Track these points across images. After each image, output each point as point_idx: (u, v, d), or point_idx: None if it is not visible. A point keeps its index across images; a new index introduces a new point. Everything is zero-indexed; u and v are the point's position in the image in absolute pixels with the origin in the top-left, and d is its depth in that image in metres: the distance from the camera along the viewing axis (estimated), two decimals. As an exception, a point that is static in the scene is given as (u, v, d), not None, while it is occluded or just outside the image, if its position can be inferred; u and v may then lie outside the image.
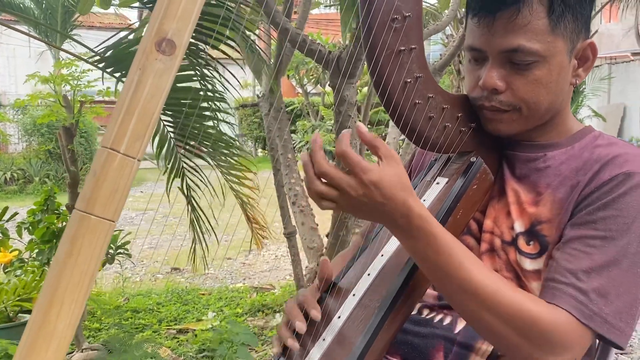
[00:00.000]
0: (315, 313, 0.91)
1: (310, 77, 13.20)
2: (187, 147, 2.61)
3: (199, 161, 2.68)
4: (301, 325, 0.90)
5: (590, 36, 0.96)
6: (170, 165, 2.55)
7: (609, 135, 0.98)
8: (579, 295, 0.82)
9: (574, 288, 0.83)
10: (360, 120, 2.66)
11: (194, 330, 3.15)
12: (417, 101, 0.90)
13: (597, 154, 0.92)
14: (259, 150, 14.53)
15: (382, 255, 0.94)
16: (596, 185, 0.88)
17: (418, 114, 0.91)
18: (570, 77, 0.93)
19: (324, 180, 0.78)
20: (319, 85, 13.71)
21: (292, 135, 12.87)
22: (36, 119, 10.10)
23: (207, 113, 2.47)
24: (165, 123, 2.52)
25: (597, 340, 0.97)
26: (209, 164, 2.65)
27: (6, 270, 3.10)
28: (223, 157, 2.61)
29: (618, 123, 12.56)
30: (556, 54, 0.89)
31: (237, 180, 2.75)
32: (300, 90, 13.92)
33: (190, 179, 2.64)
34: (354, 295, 0.91)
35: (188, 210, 2.77)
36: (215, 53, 2.42)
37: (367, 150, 0.84)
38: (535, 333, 0.80)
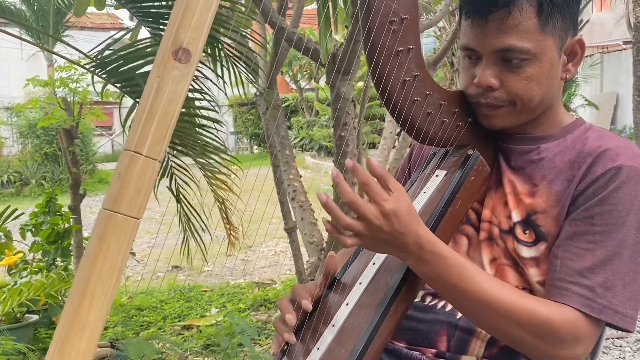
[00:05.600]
0: (306, 303, 0.93)
1: (304, 72, 13.24)
2: (176, 146, 2.59)
3: (189, 160, 2.67)
4: (291, 317, 0.93)
5: (582, 26, 1.01)
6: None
7: (598, 126, 1.03)
8: (586, 292, 0.88)
9: (581, 286, 0.89)
10: (356, 112, 2.71)
11: (199, 326, 3.20)
12: (415, 98, 0.95)
13: (589, 146, 0.97)
14: (255, 147, 14.56)
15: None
16: (591, 180, 0.93)
17: (417, 111, 0.95)
18: (561, 72, 0.98)
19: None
20: (312, 81, 13.74)
21: (288, 131, 12.87)
22: (32, 121, 10.10)
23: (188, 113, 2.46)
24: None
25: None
26: (196, 162, 2.65)
27: (11, 272, 3.14)
28: (204, 158, 2.60)
29: (611, 112, 12.64)
30: (546, 51, 0.94)
31: (218, 183, 2.74)
32: (294, 86, 13.96)
33: (179, 177, 2.64)
34: (360, 283, 0.96)
35: (178, 209, 2.79)
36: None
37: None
38: (548, 332, 0.87)
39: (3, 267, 3.20)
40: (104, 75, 2.30)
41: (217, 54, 2.41)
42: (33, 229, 3.18)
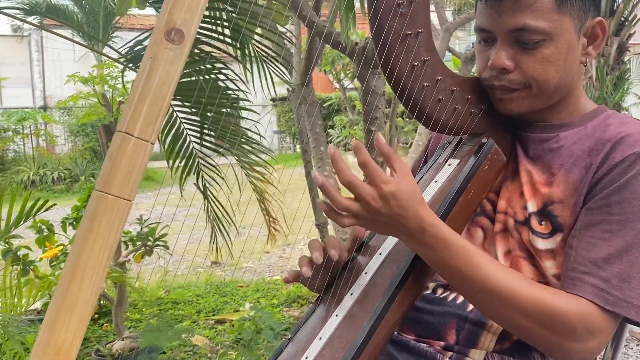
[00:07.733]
0: (333, 252, 0.91)
1: (347, 72, 13.20)
2: (208, 144, 2.59)
3: (221, 158, 2.68)
4: (317, 256, 0.91)
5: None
6: (184, 163, 2.52)
7: (621, 114, 0.98)
8: (601, 283, 0.84)
9: (595, 277, 0.84)
10: (388, 109, 2.67)
11: (232, 320, 3.22)
12: (425, 84, 0.92)
13: (609, 133, 0.92)
14: (297, 146, 14.61)
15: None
16: (609, 167, 0.88)
17: (427, 96, 0.93)
18: (580, 56, 0.94)
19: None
20: (355, 80, 13.69)
21: (330, 130, 12.88)
22: (79, 119, 10.43)
23: (227, 109, 2.48)
24: (184, 120, 2.52)
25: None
26: (232, 161, 2.65)
27: (52, 264, 3.23)
28: (243, 154, 2.61)
29: (666, 110, 12.13)
30: (563, 32, 0.89)
31: (258, 177, 2.75)
32: (337, 85, 13.94)
33: (208, 175, 2.64)
34: (365, 273, 0.93)
35: (205, 205, 2.78)
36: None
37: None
38: (557, 323, 0.83)
39: (46, 259, 3.30)
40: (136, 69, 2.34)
41: (252, 54, 2.41)
42: (74, 222, 3.27)
